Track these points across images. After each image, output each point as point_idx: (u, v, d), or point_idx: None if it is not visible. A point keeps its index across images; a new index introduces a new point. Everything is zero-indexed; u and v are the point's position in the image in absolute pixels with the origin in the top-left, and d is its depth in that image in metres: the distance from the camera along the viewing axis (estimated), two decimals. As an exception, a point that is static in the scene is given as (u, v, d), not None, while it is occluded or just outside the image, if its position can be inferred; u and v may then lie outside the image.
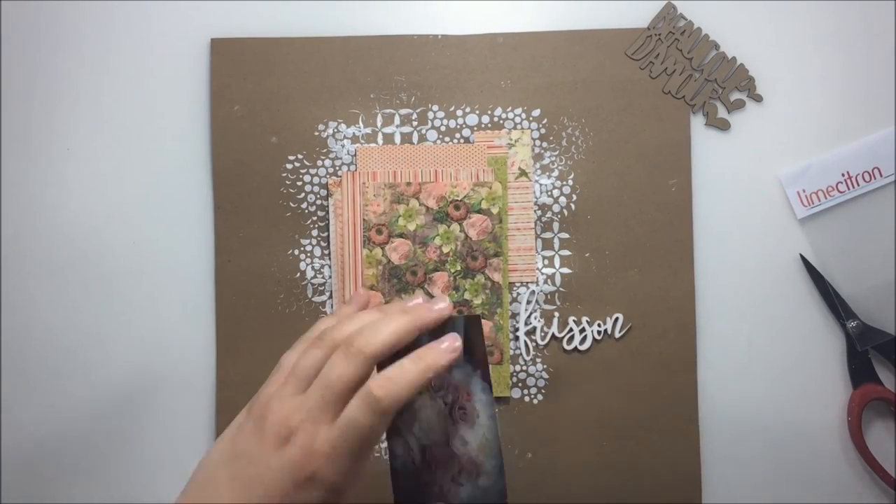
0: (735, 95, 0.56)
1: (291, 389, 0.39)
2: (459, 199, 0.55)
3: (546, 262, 0.55)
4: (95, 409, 0.56)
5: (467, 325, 0.43)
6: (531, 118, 0.56)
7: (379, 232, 0.55)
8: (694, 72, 0.55)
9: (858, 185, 0.55)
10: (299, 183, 0.56)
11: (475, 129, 0.56)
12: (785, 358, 0.51)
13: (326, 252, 0.55)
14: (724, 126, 0.56)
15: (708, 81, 0.55)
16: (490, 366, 0.54)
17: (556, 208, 0.56)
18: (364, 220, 0.55)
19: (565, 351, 0.55)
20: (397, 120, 0.56)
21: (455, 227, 0.55)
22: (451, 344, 0.41)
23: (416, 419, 0.45)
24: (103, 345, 0.56)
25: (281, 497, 0.38)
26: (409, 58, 0.56)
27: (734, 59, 0.55)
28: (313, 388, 0.39)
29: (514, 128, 0.56)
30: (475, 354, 0.44)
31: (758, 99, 0.55)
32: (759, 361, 0.55)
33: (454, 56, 0.56)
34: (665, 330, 0.55)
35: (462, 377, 0.44)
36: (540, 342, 0.55)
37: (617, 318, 0.55)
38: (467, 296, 0.55)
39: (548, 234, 0.55)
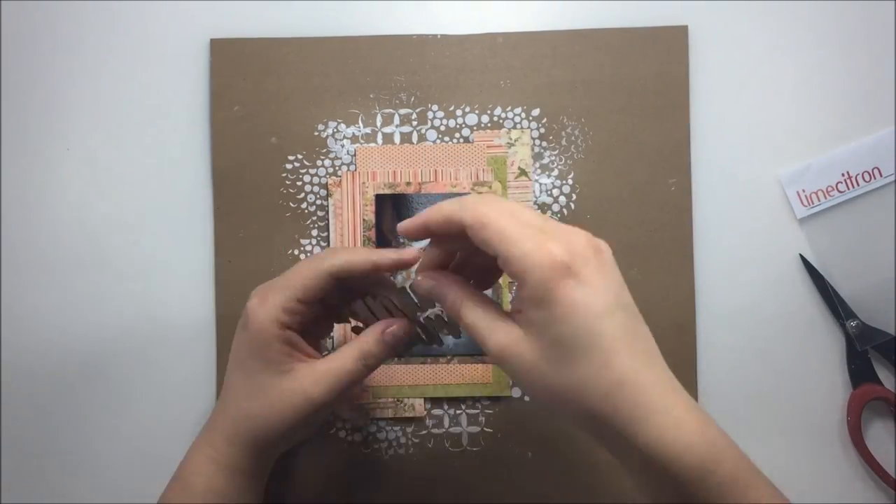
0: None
1: None
2: (459, 198, 0.55)
3: (546, 261, 0.55)
4: (95, 410, 0.56)
5: None
6: (531, 118, 0.56)
7: (379, 232, 0.55)
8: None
9: (858, 185, 0.55)
10: (299, 183, 0.56)
11: (475, 128, 0.56)
12: (784, 358, 0.51)
13: (326, 252, 0.55)
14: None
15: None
16: (491, 363, 0.54)
17: (555, 208, 0.56)
18: (364, 220, 0.55)
19: (565, 351, 0.55)
20: (397, 120, 0.56)
21: (455, 227, 0.55)
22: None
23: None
24: (103, 345, 0.56)
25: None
26: (409, 58, 0.56)
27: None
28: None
29: (514, 127, 0.56)
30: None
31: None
32: (759, 361, 0.55)
33: (453, 56, 0.56)
34: (665, 330, 0.55)
35: None
36: (540, 342, 0.55)
37: (617, 318, 0.55)
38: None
39: (547, 234, 0.55)
